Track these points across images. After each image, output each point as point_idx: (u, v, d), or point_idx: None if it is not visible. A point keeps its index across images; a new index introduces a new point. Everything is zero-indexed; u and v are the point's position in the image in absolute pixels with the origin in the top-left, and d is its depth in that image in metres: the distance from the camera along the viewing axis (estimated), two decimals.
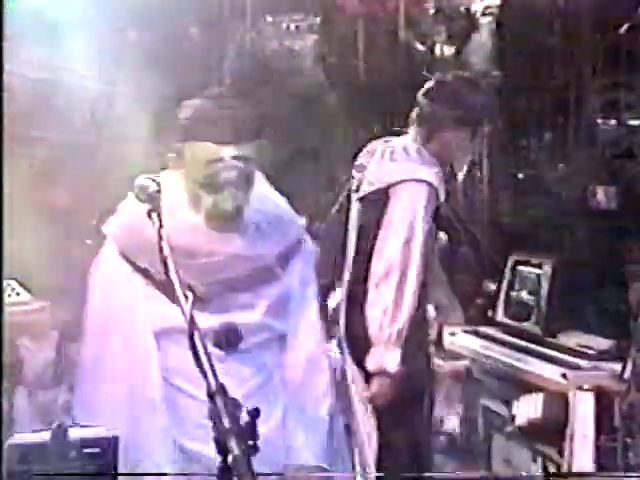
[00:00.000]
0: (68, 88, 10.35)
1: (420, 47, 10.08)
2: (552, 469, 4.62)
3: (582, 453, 3.38)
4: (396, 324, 4.00)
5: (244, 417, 1.86)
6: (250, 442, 1.81)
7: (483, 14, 9.79)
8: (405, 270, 4.02)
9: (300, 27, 10.15)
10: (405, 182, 4.19)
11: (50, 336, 6.85)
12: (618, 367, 4.15)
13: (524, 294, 5.16)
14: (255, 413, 1.91)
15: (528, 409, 4.27)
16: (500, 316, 5.31)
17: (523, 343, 4.98)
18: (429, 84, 4.50)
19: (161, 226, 2.38)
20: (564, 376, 4.40)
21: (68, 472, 2.03)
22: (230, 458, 1.77)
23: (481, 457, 5.25)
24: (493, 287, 5.82)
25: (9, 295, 5.63)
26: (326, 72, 10.02)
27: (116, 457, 2.06)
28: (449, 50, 9.98)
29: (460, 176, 4.48)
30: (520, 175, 10.91)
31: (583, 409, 3.90)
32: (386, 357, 4.01)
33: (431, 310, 4.95)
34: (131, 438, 2.68)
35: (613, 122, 9.49)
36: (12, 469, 2.04)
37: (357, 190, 4.52)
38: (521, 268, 5.27)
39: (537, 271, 5.11)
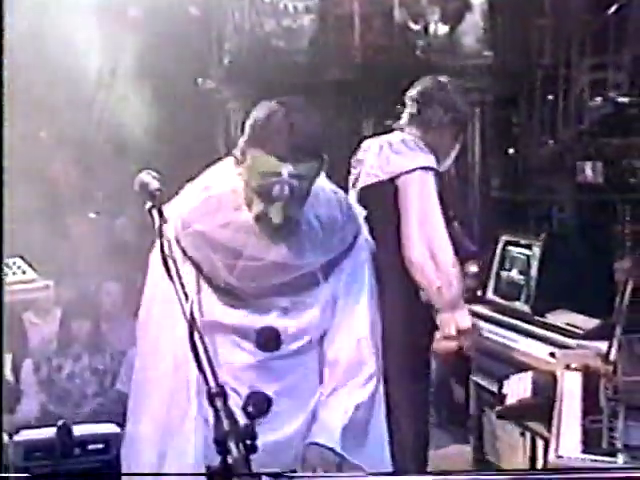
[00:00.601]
0: (71, 65, 10.33)
1: (414, 27, 10.03)
2: (540, 443, 4.66)
3: (569, 433, 3.36)
4: (453, 289, 4.28)
5: (244, 419, 1.87)
6: (249, 442, 1.81)
7: None
8: (439, 248, 4.26)
9: (297, 7, 10.10)
10: (414, 171, 4.36)
11: (54, 312, 6.88)
12: (605, 346, 4.15)
13: (514, 274, 5.15)
14: (255, 414, 1.90)
15: (518, 389, 4.26)
16: (491, 295, 5.31)
17: (513, 321, 4.98)
18: (424, 86, 4.64)
19: (162, 224, 2.36)
20: (552, 355, 4.41)
21: (72, 469, 2.03)
22: (230, 459, 1.77)
23: (472, 432, 5.28)
24: (475, 269, 5.81)
25: (14, 273, 5.62)
26: (322, 51, 10.01)
27: (119, 453, 2.06)
28: (443, 29, 9.95)
29: (446, 165, 4.62)
30: (511, 151, 10.94)
31: (570, 388, 3.88)
32: (458, 318, 4.30)
33: None
34: (166, 431, 2.62)
35: (601, 100, 9.51)
36: (18, 465, 2.03)
37: (354, 183, 4.60)
38: (511, 248, 5.25)
39: (527, 252, 5.10)
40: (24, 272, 5.65)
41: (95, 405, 6.67)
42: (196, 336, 2.02)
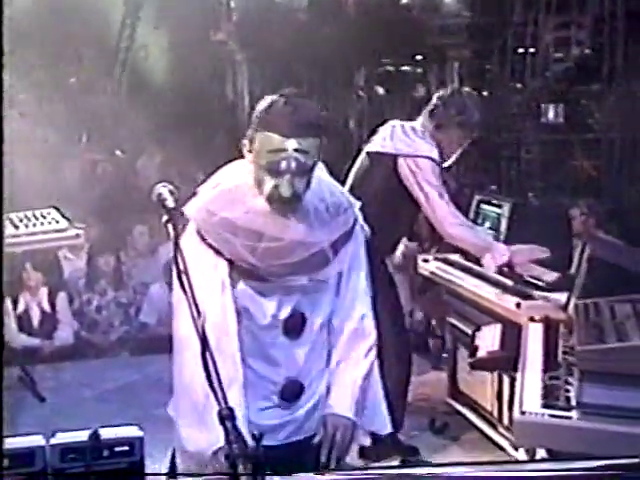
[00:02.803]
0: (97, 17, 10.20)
1: None
2: (506, 380, 4.68)
3: (531, 388, 3.35)
4: (485, 239, 4.63)
5: (252, 441, 1.86)
6: (256, 460, 1.79)
7: None
8: (450, 207, 4.47)
9: None
10: (418, 157, 4.54)
11: (86, 249, 6.87)
12: (564, 298, 4.11)
13: (486, 229, 5.12)
14: (260, 436, 1.89)
15: (488, 341, 4.26)
16: None
17: (484, 271, 4.94)
18: (447, 91, 4.77)
19: (176, 236, 2.32)
20: (518, 305, 4.40)
21: (102, 470, 2.04)
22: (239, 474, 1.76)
23: (448, 365, 5.31)
24: None
25: (49, 223, 5.58)
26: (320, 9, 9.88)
27: (143, 454, 2.06)
28: None
29: (447, 162, 4.71)
30: (484, 93, 10.88)
31: (534, 341, 3.84)
32: (496, 255, 4.48)
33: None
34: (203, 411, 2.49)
35: (564, 54, 9.51)
36: (55, 466, 2.04)
37: (365, 146, 4.81)
38: (484, 207, 5.22)
39: (497, 210, 5.07)
40: (57, 222, 5.58)
41: (122, 333, 6.71)
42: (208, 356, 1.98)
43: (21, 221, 5.57)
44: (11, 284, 6.24)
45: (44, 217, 5.62)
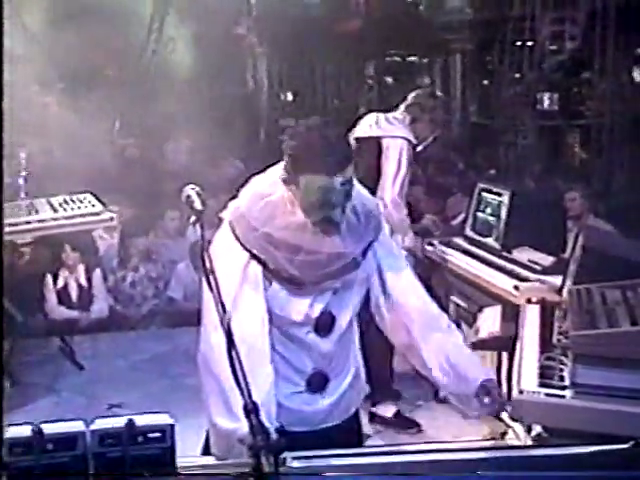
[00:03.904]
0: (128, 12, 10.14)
1: None
2: (504, 355, 4.64)
3: (528, 367, 3.33)
4: (406, 223, 4.96)
5: (275, 435, 1.83)
6: (279, 453, 1.78)
7: None
8: (402, 198, 4.95)
9: None
10: (395, 138, 5.00)
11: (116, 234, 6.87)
12: (559, 281, 4.06)
13: (487, 215, 5.09)
14: (282, 429, 1.87)
15: (488, 323, 4.24)
16: (468, 231, 5.25)
17: (485, 255, 4.92)
18: (423, 92, 5.32)
19: (203, 237, 2.24)
20: (516, 288, 4.37)
21: (137, 454, 2.04)
22: (262, 468, 1.74)
23: None
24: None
25: (86, 206, 5.57)
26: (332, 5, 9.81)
27: (174, 440, 2.05)
28: None
29: (420, 147, 5.14)
30: (485, 82, 10.83)
31: (531, 323, 3.81)
32: (407, 239, 4.99)
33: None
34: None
35: (559, 47, 9.47)
36: (95, 451, 2.04)
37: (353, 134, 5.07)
38: (485, 194, 5.18)
39: (498, 198, 5.02)
40: (93, 205, 5.58)
41: (152, 306, 6.72)
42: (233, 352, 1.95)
43: (60, 205, 5.58)
44: (52, 262, 6.30)
45: (81, 201, 5.62)
